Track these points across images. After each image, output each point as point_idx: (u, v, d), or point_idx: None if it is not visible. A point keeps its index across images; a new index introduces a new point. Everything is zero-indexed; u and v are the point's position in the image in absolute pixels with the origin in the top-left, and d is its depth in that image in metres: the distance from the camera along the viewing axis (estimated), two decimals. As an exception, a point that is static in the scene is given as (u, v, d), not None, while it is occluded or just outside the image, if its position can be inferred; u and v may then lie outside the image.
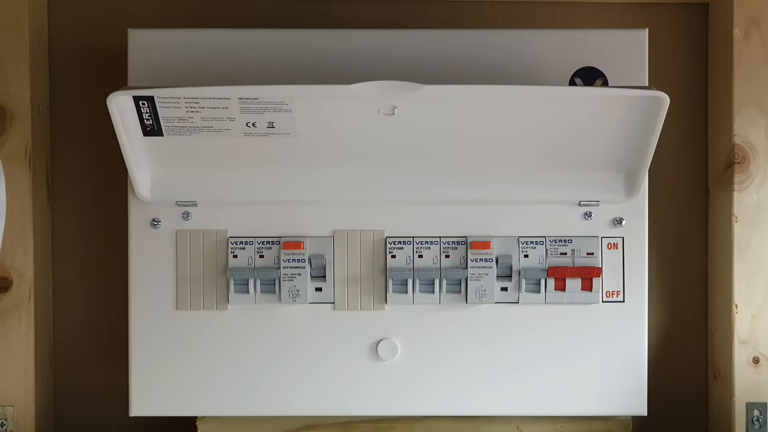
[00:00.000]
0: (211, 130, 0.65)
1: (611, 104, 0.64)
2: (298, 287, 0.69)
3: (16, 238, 0.72)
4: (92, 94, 0.76)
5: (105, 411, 0.78)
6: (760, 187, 0.73)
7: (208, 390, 0.70)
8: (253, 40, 0.69)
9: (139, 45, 0.69)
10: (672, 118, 0.68)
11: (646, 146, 0.65)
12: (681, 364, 0.79)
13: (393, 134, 0.66)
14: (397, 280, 0.69)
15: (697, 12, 0.78)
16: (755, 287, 0.73)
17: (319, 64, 0.69)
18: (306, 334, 0.70)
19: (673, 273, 0.78)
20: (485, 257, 0.69)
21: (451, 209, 0.70)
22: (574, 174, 0.69)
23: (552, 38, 0.70)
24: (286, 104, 0.63)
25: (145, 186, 0.69)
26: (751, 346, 0.74)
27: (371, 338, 0.70)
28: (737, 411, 0.73)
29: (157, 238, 0.70)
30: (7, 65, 0.72)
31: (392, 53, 0.70)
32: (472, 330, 0.69)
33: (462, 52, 0.70)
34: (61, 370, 0.78)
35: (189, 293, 0.70)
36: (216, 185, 0.69)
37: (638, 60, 0.70)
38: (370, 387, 0.70)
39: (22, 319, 0.73)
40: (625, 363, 0.70)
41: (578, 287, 0.70)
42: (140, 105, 0.63)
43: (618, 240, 0.70)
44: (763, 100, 0.73)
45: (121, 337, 0.72)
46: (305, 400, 0.70)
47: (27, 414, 0.73)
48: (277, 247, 0.70)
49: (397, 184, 0.69)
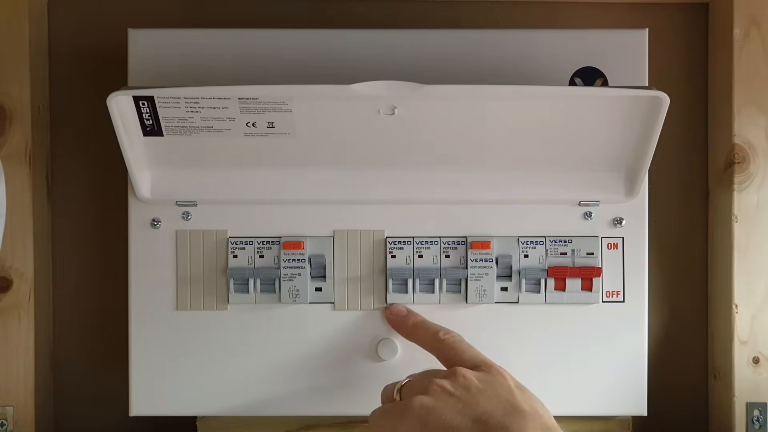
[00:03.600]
0: (211, 130, 0.65)
1: (611, 104, 0.64)
2: (298, 287, 0.69)
3: (16, 238, 0.72)
4: (92, 94, 0.76)
5: (105, 411, 0.78)
6: (760, 187, 0.73)
7: (208, 390, 0.70)
8: (253, 40, 0.69)
9: (139, 45, 0.69)
10: (672, 118, 0.68)
11: (646, 146, 0.65)
12: (681, 364, 0.79)
13: (393, 134, 0.66)
14: (397, 280, 0.70)
15: (697, 12, 0.78)
16: (755, 287, 0.73)
17: (319, 64, 0.69)
18: (306, 334, 0.70)
19: (673, 273, 0.78)
20: (485, 257, 0.69)
21: (451, 209, 0.70)
22: (574, 174, 0.69)
23: (552, 38, 0.70)
24: (286, 104, 0.63)
25: (145, 186, 0.69)
26: (751, 346, 0.74)
27: (371, 338, 0.70)
28: (737, 411, 0.73)
29: (157, 238, 0.70)
30: (7, 65, 0.72)
31: (392, 53, 0.70)
32: (472, 330, 0.69)
33: (462, 52, 0.70)
34: (61, 370, 0.78)
35: (189, 293, 0.70)
36: (216, 185, 0.69)
37: (638, 60, 0.70)
38: (370, 387, 0.70)
39: (22, 319, 0.73)
40: (625, 363, 0.70)
41: (578, 287, 0.70)
42: (140, 105, 0.63)
43: (618, 240, 0.70)
44: (763, 100, 0.73)
45: (121, 337, 0.72)
46: (305, 400, 0.70)
47: (27, 414, 0.73)
48: (277, 247, 0.70)
49: (397, 184, 0.69)
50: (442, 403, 0.55)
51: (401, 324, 0.68)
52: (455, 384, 0.56)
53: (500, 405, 0.55)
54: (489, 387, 0.56)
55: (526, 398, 0.56)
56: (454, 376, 0.57)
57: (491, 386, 0.56)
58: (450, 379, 0.57)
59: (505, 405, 0.55)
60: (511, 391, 0.56)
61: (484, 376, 0.57)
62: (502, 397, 0.55)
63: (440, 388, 0.56)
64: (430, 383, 0.57)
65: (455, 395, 0.56)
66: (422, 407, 0.55)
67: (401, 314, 0.68)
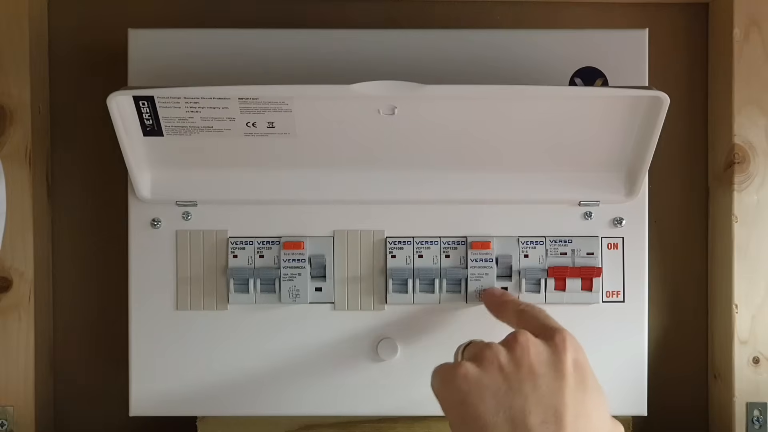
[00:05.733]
0: (211, 130, 0.65)
1: (611, 104, 0.64)
2: (298, 287, 0.69)
3: (16, 238, 0.72)
4: (92, 94, 0.76)
5: (105, 411, 0.78)
6: (760, 187, 0.73)
7: (208, 390, 0.70)
8: (253, 40, 0.69)
9: (139, 45, 0.69)
10: (672, 118, 0.68)
11: (646, 146, 0.65)
12: (681, 364, 0.79)
13: (393, 134, 0.66)
14: (397, 280, 0.70)
15: (697, 12, 0.78)
16: (755, 287, 0.73)
17: (319, 64, 0.69)
18: (306, 334, 0.70)
19: (673, 273, 0.78)
20: (485, 257, 0.69)
21: (451, 209, 0.70)
22: (574, 174, 0.69)
23: (552, 38, 0.70)
24: (286, 104, 0.63)
25: (145, 186, 0.69)
26: (751, 346, 0.74)
27: (371, 338, 0.70)
28: (737, 411, 0.73)
29: (157, 238, 0.70)
30: (7, 65, 0.72)
31: (392, 53, 0.70)
32: (472, 330, 0.69)
33: (462, 52, 0.70)
34: (61, 370, 0.78)
35: (189, 293, 0.70)
36: (216, 185, 0.69)
37: (638, 60, 0.70)
38: (370, 387, 0.70)
39: (22, 319, 0.73)
40: (625, 363, 0.70)
41: (578, 287, 0.70)
42: (140, 105, 0.63)
43: (618, 240, 0.70)
44: (763, 100, 0.73)
45: (121, 337, 0.72)
46: (305, 400, 0.70)
47: (27, 414, 0.73)
48: (277, 247, 0.70)
49: (397, 184, 0.69)
50: (487, 379, 0.53)
51: (493, 300, 0.67)
52: (510, 355, 0.54)
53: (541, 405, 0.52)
54: (543, 367, 0.54)
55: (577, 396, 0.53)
56: (513, 343, 0.55)
57: (546, 367, 0.54)
58: (507, 347, 0.55)
59: (546, 408, 0.52)
60: (562, 383, 0.53)
61: (544, 349, 0.55)
62: (549, 392, 0.53)
63: (494, 356, 0.54)
64: (486, 348, 0.55)
65: (504, 371, 0.54)
66: (465, 379, 0.54)
67: (496, 294, 0.68)
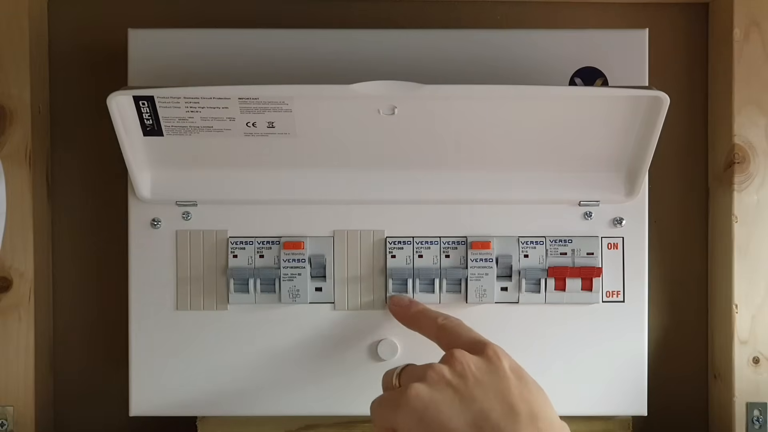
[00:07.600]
0: (211, 130, 0.65)
1: (611, 104, 0.64)
2: (298, 287, 0.69)
3: (16, 238, 0.72)
4: (92, 94, 0.76)
5: (105, 411, 0.78)
6: (760, 187, 0.73)
7: (208, 390, 0.70)
8: (253, 40, 0.69)
9: (139, 45, 0.69)
10: (672, 118, 0.68)
11: (646, 146, 0.65)
12: (681, 364, 0.79)
13: (393, 134, 0.66)
14: (397, 280, 0.70)
15: (697, 12, 0.78)
16: (755, 287, 0.73)
17: (319, 64, 0.69)
18: (306, 334, 0.70)
19: (673, 273, 0.78)
20: (485, 257, 0.69)
21: (451, 209, 0.70)
22: (574, 174, 0.69)
23: (552, 38, 0.70)
24: (286, 104, 0.63)
25: (145, 186, 0.69)
26: (751, 346, 0.74)
27: (371, 338, 0.70)
28: (737, 411, 0.73)
29: (157, 238, 0.70)
30: (7, 65, 0.72)
31: (392, 53, 0.70)
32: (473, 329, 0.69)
33: (462, 52, 0.70)
34: (61, 370, 0.78)
35: (189, 293, 0.70)
36: (216, 185, 0.69)
37: (638, 60, 0.70)
38: (370, 387, 0.70)
39: (22, 319, 0.73)
40: (625, 363, 0.70)
41: (578, 287, 0.70)
42: (140, 105, 0.63)
43: (618, 240, 0.70)
44: (763, 100, 0.73)
45: (121, 337, 0.72)
46: (305, 400, 0.70)
47: (27, 414, 0.73)
48: (277, 247, 0.70)
49: (397, 184, 0.69)
50: (439, 394, 0.55)
51: (404, 313, 0.67)
52: (453, 371, 0.56)
53: (496, 403, 0.54)
54: (486, 376, 0.56)
55: (523, 392, 0.55)
56: (452, 360, 0.56)
57: (488, 375, 0.56)
58: (448, 365, 0.56)
59: (501, 403, 0.54)
60: (507, 383, 0.55)
61: (481, 362, 0.56)
62: (498, 392, 0.55)
63: (438, 375, 0.55)
64: (428, 369, 0.56)
65: (452, 385, 0.55)
66: (418, 398, 0.55)
67: (403, 304, 0.68)
